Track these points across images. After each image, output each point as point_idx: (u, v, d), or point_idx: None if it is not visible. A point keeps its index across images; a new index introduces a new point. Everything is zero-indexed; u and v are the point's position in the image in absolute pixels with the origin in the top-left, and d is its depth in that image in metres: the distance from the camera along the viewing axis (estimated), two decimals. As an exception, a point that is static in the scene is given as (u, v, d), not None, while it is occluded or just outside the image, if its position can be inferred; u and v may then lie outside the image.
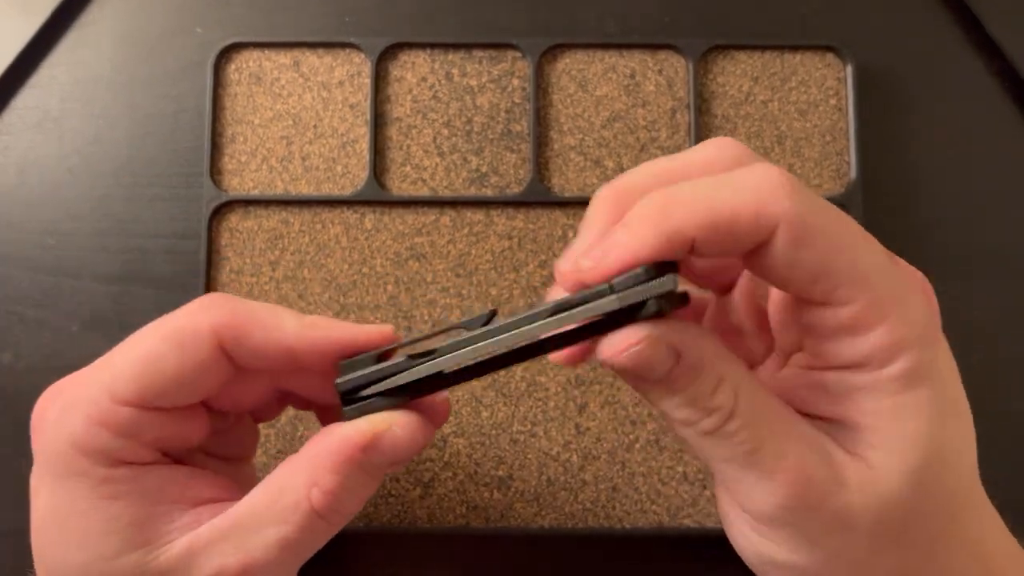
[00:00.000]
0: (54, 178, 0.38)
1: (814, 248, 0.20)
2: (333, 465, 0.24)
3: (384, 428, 0.24)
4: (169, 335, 0.24)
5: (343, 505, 0.24)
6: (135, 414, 0.24)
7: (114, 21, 0.39)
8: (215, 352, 0.24)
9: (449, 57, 0.38)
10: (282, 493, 0.24)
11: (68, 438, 0.24)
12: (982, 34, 0.39)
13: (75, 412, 0.24)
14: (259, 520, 0.24)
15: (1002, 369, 0.37)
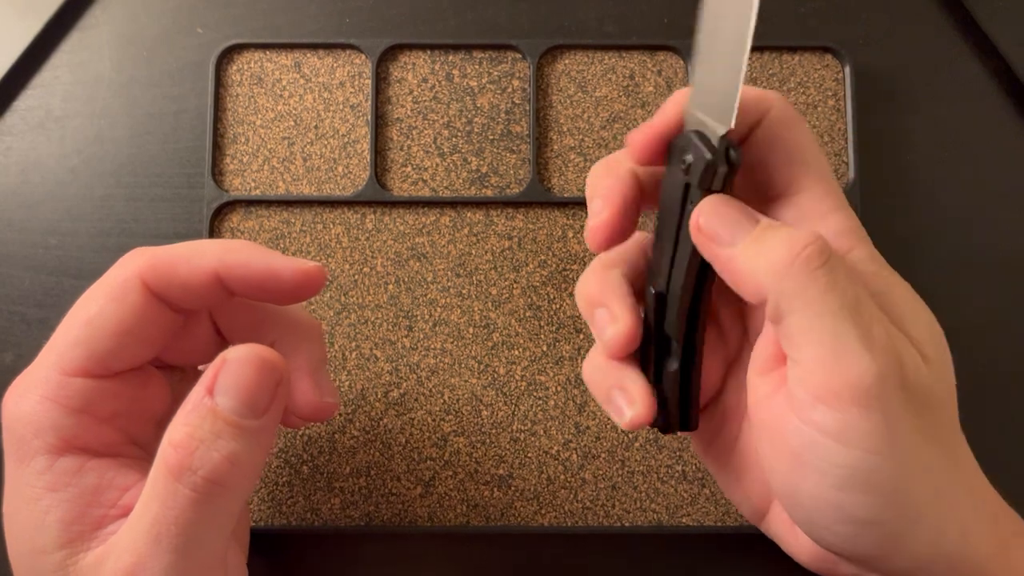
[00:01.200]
0: (56, 178, 0.38)
1: (794, 131, 0.25)
2: (182, 416, 0.23)
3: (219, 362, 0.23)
4: (100, 293, 0.24)
5: (199, 461, 0.22)
6: (86, 385, 0.24)
7: (116, 22, 0.39)
8: (147, 297, 0.24)
9: (449, 58, 0.38)
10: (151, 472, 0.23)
11: (25, 420, 0.23)
12: (980, 35, 0.39)
13: (31, 393, 0.24)
14: (136, 512, 0.23)
15: (1002, 369, 0.37)
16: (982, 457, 0.38)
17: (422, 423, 0.36)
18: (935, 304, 0.38)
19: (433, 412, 0.36)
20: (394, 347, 0.36)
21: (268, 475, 0.36)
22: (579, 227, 0.37)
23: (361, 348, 0.36)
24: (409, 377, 0.36)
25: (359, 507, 0.35)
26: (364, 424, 0.36)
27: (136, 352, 0.25)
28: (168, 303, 0.25)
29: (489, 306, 0.37)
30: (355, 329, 0.36)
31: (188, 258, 0.25)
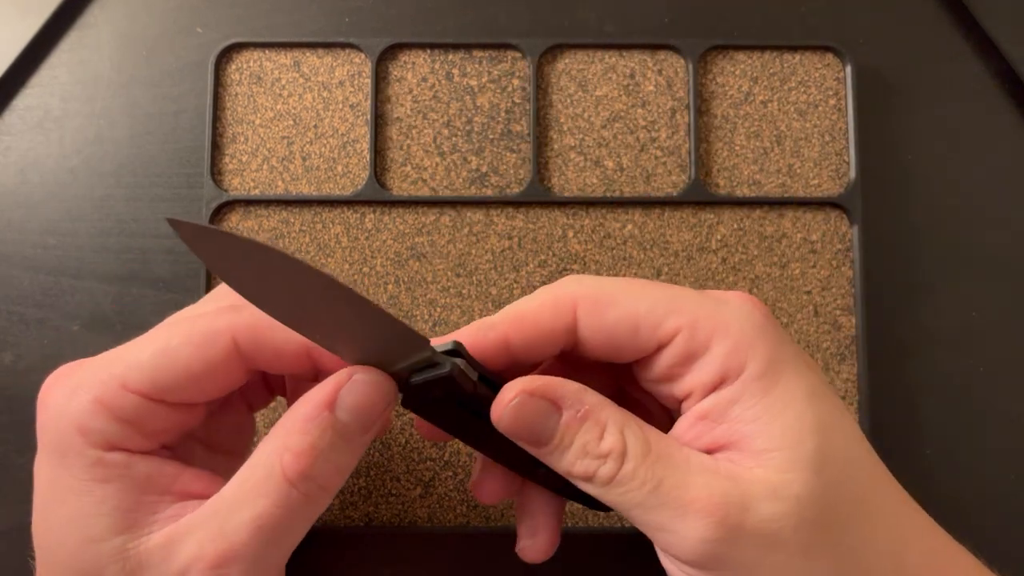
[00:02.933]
0: (55, 178, 0.38)
1: (616, 307, 0.24)
2: (302, 427, 0.23)
3: (344, 378, 0.24)
4: (186, 329, 0.24)
5: (317, 471, 0.23)
6: (142, 403, 0.24)
7: (115, 21, 0.39)
8: (231, 355, 0.24)
9: (449, 57, 0.38)
10: (254, 469, 0.24)
11: (72, 417, 0.24)
12: (981, 35, 0.39)
13: (84, 393, 0.24)
14: (234, 502, 0.23)
15: (1002, 369, 0.37)
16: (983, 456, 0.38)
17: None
18: (935, 304, 0.38)
19: (433, 412, 0.36)
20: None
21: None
22: (579, 227, 0.37)
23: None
24: (409, 377, 0.36)
25: (359, 507, 0.35)
26: (364, 424, 0.36)
27: (199, 395, 0.25)
28: (250, 364, 0.25)
29: (489, 306, 0.37)
30: (355, 329, 0.36)
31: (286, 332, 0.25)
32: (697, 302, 0.24)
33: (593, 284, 0.25)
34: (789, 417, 0.22)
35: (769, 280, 0.37)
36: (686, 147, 0.38)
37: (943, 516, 0.26)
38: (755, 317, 0.24)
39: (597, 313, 0.24)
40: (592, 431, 0.23)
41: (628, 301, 0.24)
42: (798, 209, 0.38)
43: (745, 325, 0.23)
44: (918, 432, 0.37)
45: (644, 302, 0.24)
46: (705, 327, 0.23)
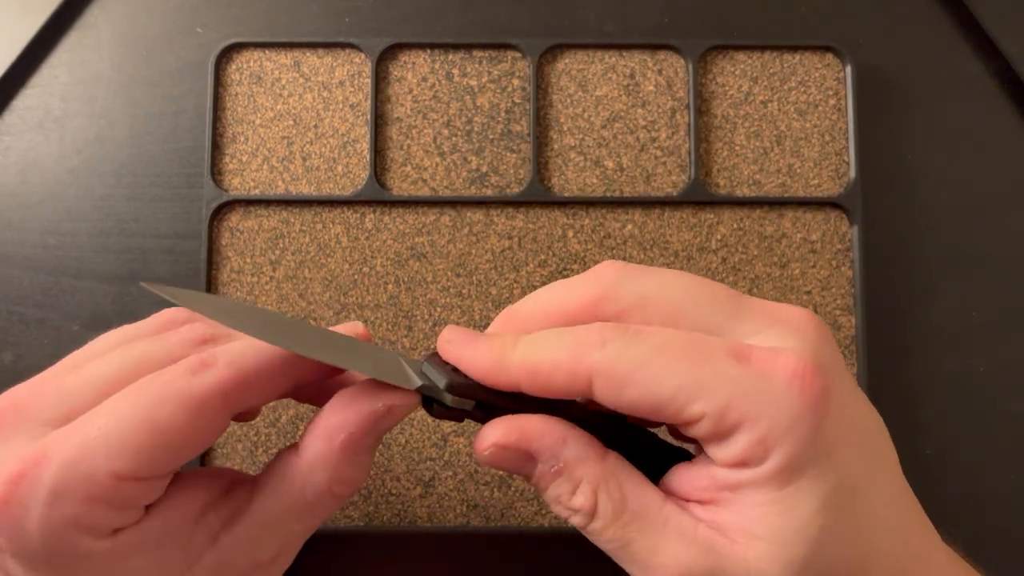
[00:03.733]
0: (55, 178, 0.38)
1: (634, 386, 0.22)
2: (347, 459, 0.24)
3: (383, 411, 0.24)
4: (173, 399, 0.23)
5: (359, 487, 0.26)
6: (137, 486, 0.22)
7: (115, 21, 0.39)
8: (225, 413, 0.23)
9: (449, 57, 0.38)
10: (303, 491, 0.24)
11: (66, 523, 0.22)
12: (981, 35, 0.39)
13: (71, 495, 0.21)
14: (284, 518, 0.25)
15: (1002, 369, 0.37)
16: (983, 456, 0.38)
17: (422, 423, 0.36)
18: (935, 304, 0.38)
19: (433, 412, 0.36)
20: (394, 347, 0.36)
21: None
22: (579, 227, 0.37)
23: (361, 348, 0.36)
24: (409, 377, 0.36)
25: (359, 507, 0.35)
26: (364, 424, 0.36)
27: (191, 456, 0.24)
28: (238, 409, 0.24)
29: (489, 306, 0.37)
30: (355, 329, 0.36)
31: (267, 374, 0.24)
32: (733, 381, 0.21)
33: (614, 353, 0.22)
34: (792, 518, 0.22)
35: (769, 280, 0.37)
36: (686, 147, 0.38)
37: (943, 516, 0.26)
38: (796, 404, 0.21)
39: (613, 390, 0.22)
40: (564, 486, 0.23)
41: (649, 381, 0.22)
42: (798, 209, 0.38)
43: (780, 415, 0.21)
44: (918, 432, 0.37)
45: (668, 384, 0.22)
46: (734, 414, 0.21)
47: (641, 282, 0.24)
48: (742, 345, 0.22)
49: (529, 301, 0.25)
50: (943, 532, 0.24)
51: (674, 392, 0.21)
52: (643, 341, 0.22)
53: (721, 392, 0.21)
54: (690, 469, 0.24)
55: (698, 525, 0.22)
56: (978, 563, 0.25)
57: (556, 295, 0.25)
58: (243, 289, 0.37)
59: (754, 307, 0.23)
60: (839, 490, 0.22)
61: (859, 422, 0.23)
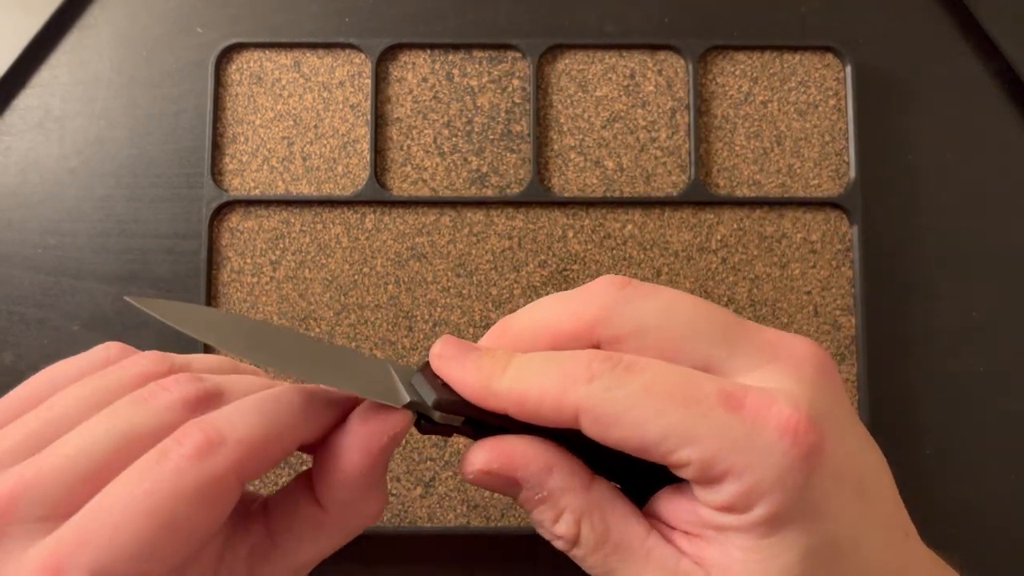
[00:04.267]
0: (55, 178, 0.38)
1: (621, 428, 0.21)
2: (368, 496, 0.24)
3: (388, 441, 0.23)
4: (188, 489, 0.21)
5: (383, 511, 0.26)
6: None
7: (115, 22, 0.39)
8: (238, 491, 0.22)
9: (449, 57, 0.38)
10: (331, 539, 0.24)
11: None
12: (981, 35, 0.39)
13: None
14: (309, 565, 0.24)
15: (1002, 369, 0.37)
16: (983, 456, 0.38)
17: (422, 423, 0.36)
18: (935, 304, 0.38)
19: (433, 412, 0.36)
20: (394, 347, 0.36)
21: (268, 475, 0.36)
22: (579, 227, 0.37)
23: (361, 348, 0.36)
24: (409, 377, 0.36)
25: (359, 507, 0.35)
26: (364, 424, 0.36)
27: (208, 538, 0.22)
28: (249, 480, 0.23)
29: (489, 306, 0.37)
30: (355, 329, 0.36)
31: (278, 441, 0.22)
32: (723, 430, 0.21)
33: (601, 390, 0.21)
34: (774, 567, 0.21)
35: (769, 280, 0.37)
36: (686, 147, 0.38)
37: (943, 516, 0.26)
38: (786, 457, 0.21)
39: (599, 428, 0.22)
40: (548, 513, 0.23)
41: (635, 424, 0.21)
42: (798, 209, 0.38)
43: (769, 467, 0.21)
44: (918, 432, 0.37)
45: (654, 429, 0.21)
46: (722, 464, 0.21)
47: (639, 307, 0.23)
48: (736, 388, 0.21)
49: (524, 316, 0.25)
50: (943, 533, 0.24)
51: (660, 437, 0.21)
52: (632, 380, 0.21)
53: (709, 441, 0.21)
54: (678, 500, 0.23)
55: (681, 559, 0.22)
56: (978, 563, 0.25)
57: (551, 313, 0.24)
58: (243, 289, 0.37)
59: (755, 339, 0.23)
60: (825, 543, 0.22)
61: (856, 470, 0.22)
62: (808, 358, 0.22)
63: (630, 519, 0.23)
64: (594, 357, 0.22)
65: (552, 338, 0.24)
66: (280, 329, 0.24)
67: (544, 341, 0.24)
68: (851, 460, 0.22)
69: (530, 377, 0.22)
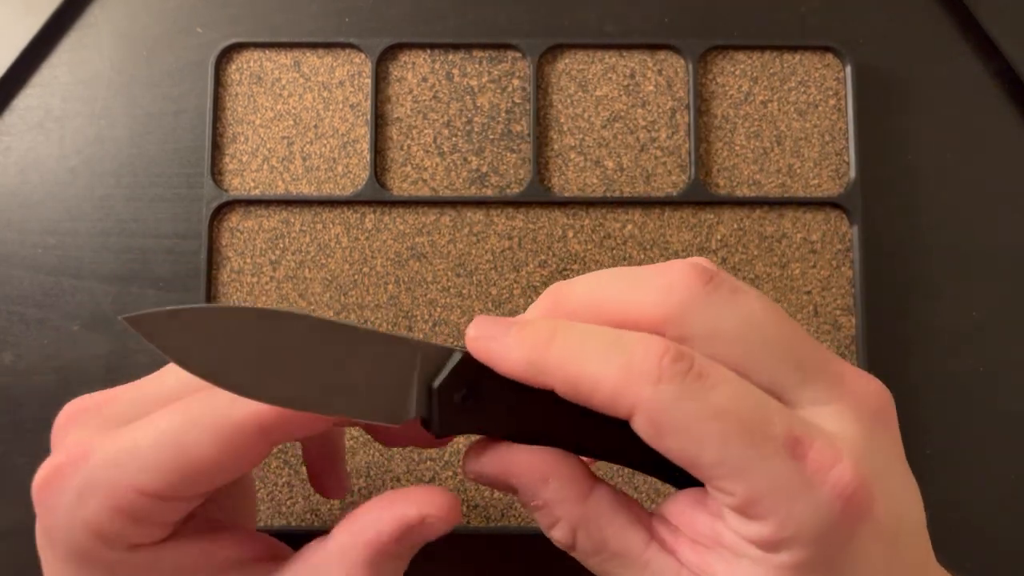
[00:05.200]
0: (55, 178, 0.38)
1: (675, 439, 0.20)
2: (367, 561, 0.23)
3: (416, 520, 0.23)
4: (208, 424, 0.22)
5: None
6: (159, 503, 0.22)
7: (115, 21, 0.39)
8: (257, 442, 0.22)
9: (449, 57, 0.38)
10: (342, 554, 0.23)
11: (85, 524, 0.22)
12: (981, 35, 0.39)
13: (95, 498, 0.22)
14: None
15: (1002, 369, 0.37)
16: (983, 456, 0.38)
17: (422, 423, 0.36)
18: (935, 304, 0.38)
19: (433, 412, 0.36)
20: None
21: (268, 475, 0.36)
22: (579, 227, 0.37)
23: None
24: (409, 377, 0.36)
25: (359, 507, 0.35)
26: (364, 424, 0.36)
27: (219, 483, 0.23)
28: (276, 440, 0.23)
29: (489, 306, 0.37)
30: (355, 329, 0.36)
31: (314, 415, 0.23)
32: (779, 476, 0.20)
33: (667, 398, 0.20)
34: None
35: (769, 280, 0.37)
36: (686, 147, 0.38)
37: (943, 516, 0.26)
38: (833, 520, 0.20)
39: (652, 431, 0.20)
40: (544, 520, 0.23)
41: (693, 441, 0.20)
42: (798, 209, 0.38)
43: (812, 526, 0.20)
44: (918, 432, 0.37)
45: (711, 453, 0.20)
46: (767, 506, 0.20)
47: (719, 312, 0.21)
48: (804, 434, 0.20)
49: (582, 289, 0.23)
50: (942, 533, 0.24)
51: (716, 463, 0.20)
52: (704, 396, 0.20)
53: (762, 482, 0.20)
54: (697, 511, 0.23)
55: (680, 570, 0.22)
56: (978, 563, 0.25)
57: (617, 294, 0.22)
58: (243, 289, 0.37)
59: (827, 371, 0.22)
60: None
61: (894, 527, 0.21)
62: (872, 402, 0.22)
63: (629, 529, 0.23)
64: (666, 353, 0.20)
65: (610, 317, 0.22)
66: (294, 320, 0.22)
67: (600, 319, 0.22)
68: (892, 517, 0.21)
69: (588, 357, 0.21)
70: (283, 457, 0.36)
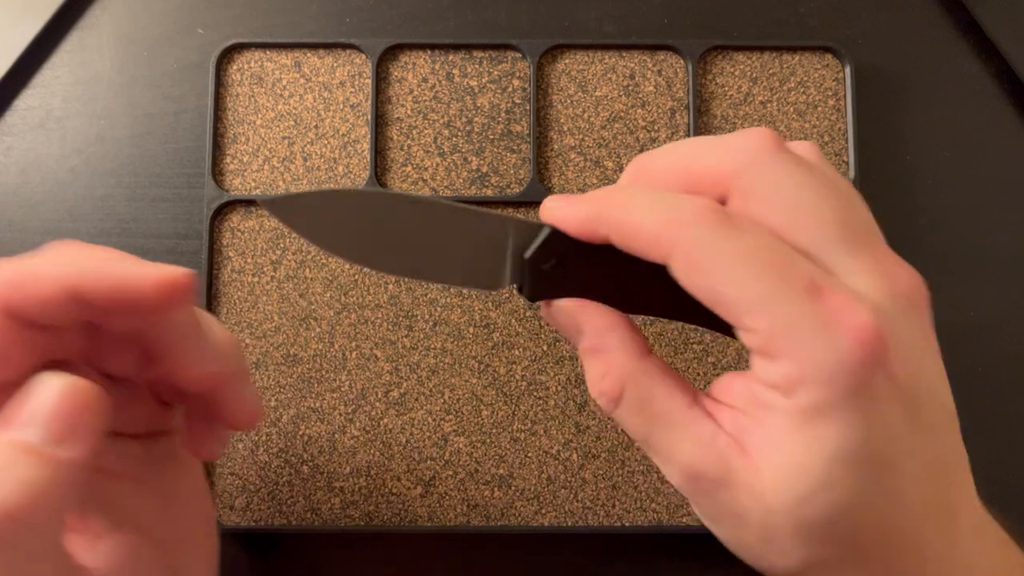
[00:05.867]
0: (56, 178, 0.38)
1: (704, 276, 0.22)
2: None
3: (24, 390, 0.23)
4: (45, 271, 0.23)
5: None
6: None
7: (116, 22, 0.39)
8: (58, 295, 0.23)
9: (449, 58, 0.39)
10: None
11: None
12: (980, 35, 0.39)
13: None
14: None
15: (1002, 369, 0.37)
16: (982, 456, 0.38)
17: (422, 423, 0.36)
18: (935, 304, 0.38)
19: (433, 412, 0.36)
20: (394, 347, 0.36)
21: (268, 475, 0.36)
22: (579, 227, 0.37)
23: (361, 348, 0.36)
24: (409, 377, 0.36)
25: (359, 507, 0.35)
26: (364, 424, 0.36)
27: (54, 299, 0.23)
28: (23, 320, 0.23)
29: (489, 306, 0.37)
30: (355, 329, 0.36)
31: (37, 272, 0.23)
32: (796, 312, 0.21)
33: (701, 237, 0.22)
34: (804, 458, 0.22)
35: (769, 280, 0.37)
36: (686, 147, 0.38)
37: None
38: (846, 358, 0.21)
39: (685, 269, 0.22)
40: (597, 367, 0.24)
41: (720, 277, 0.22)
42: (798, 209, 0.38)
43: (826, 362, 0.21)
44: (918, 432, 0.37)
45: (735, 288, 0.22)
46: (783, 342, 0.21)
47: (780, 175, 0.23)
48: (827, 282, 0.22)
49: (663, 153, 0.25)
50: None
51: (738, 298, 0.22)
52: (736, 237, 0.22)
53: (780, 317, 0.21)
54: (736, 378, 0.24)
55: (718, 433, 0.23)
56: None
57: (693, 154, 0.24)
58: (244, 288, 0.37)
59: (867, 248, 0.23)
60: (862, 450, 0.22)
61: (915, 396, 0.22)
62: (909, 286, 0.23)
63: (675, 391, 0.24)
64: (706, 205, 0.22)
65: (688, 178, 0.24)
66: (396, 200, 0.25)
67: (679, 181, 0.24)
68: (913, 385, 0.22)
69: (637, 208, 0.23)
70: (283, 457, 0.36)
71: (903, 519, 0.22)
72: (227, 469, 0.36)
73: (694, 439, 0.23)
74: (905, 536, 0.22)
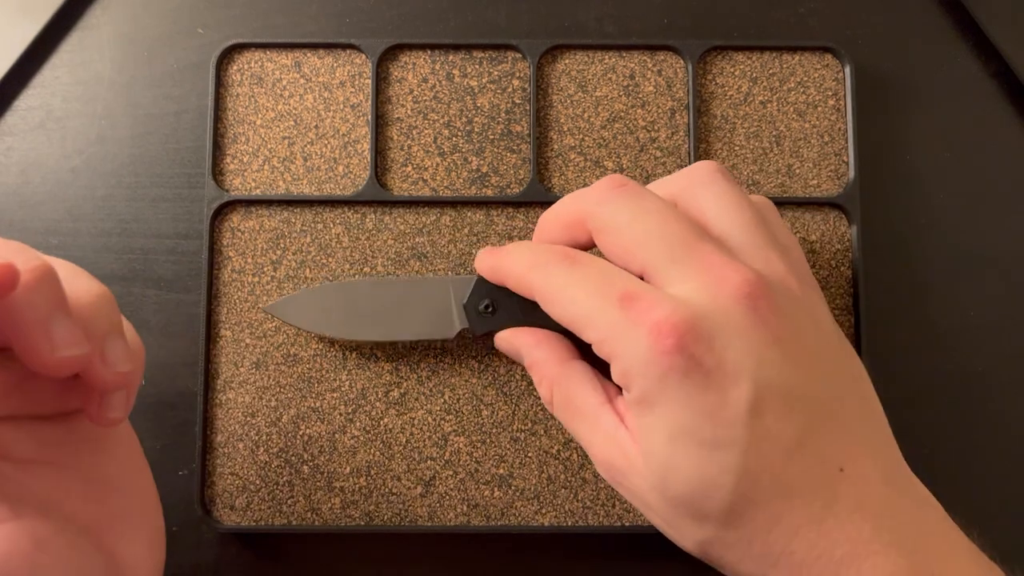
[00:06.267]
0: (56, 178, 0.38)
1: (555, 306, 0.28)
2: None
3: None
4: None
5: None
6: None
7: (116, 22, 0.39)
8: None
9: (450, 58, 0.39)
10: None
11: None
12: (980, 36, 0.39)
13: None
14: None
15: (1000, 369, 0.37)
16: (983, 456, 0.38)
17: (422, 423, 0.36)
18: (935, 304, 0.38)
19: (433, 412, 0.36)
20: (394, 347, 0.36)
21: (268, 475, 0.36)
22: (579, 227, 0.37)
23: (361, 348, 0.36)
24: (409, 377, 0.36)
25: (359, 507, 0.35)
26: (364, 424, 0.36)
27: None
28: None
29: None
30: (355, 329, 0.36)
31: None
32: (611, 322, 0.26)
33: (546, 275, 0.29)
34: (648, 444, 0.26)
35: (769, 280, 0.37)
36: (686, 147, 0.38)
37: (942, 515, 0.26)
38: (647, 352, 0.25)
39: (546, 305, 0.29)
40: (535, 377, 0.30)
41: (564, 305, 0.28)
42: (797, 209, 0.38)
43: (636, 358, 0.25)
44: (917, 432, 0.37)
45: (571, 311, 0.27)
46: (607, 348, 0.26)
47: (615, 209, 0.28)
48: (638, 291, 0.26)
49: (552, 208, 0.31)
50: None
51: (575, 318, 0.27)
52: (571, 271, 0.28)
53: (601, 328, 0.26)
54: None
55: (619, 427, 0.27)
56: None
57: (562, 205, 0.31)
58: (244, 288, 0.37)
59: (696, 259, 0.26)
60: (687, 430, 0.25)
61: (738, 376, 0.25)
62: (731, 286, 0.26)
63: (590, 392, 0.28)
64: (555, 250, 0.29)
65: (562, 227, 0.30)
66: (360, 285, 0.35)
67: (559, 231, 0.30)
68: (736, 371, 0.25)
69: (513, 259, 0.30)
70: (283, 456, 0.36)
71: (755, 493, 0.24)
72: (227, 469, 0.36)
73: (603, 433, 0.27)
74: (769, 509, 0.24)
